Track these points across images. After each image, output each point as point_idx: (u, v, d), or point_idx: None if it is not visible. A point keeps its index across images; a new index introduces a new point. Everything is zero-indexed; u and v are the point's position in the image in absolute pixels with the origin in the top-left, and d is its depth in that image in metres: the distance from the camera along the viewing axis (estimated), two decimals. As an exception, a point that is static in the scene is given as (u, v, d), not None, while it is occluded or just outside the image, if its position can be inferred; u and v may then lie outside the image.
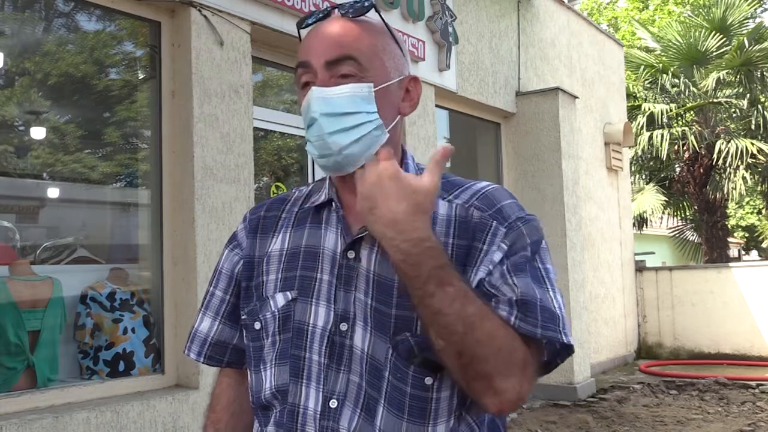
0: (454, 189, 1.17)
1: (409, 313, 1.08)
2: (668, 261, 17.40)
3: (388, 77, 1.14)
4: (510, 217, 1.12)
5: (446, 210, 1.14)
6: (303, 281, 1.15)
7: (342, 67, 1.10)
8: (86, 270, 3.87)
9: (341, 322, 1.11)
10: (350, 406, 1.09)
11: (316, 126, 1.10)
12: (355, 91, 1.10)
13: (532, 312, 1.04)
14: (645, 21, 18.97)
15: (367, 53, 1.12)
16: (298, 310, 1.14)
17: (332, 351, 1.11)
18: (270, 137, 5.20)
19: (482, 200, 1.14)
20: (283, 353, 1.15)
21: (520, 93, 7.25)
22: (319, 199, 1.20)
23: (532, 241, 1.10)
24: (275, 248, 1.21)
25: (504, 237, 1.10)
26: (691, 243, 14.34)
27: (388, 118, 1.13)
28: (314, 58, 1.12)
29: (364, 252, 1.13)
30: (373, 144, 1.11)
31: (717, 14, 12.03)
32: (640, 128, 11.64)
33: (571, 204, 7.08)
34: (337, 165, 1.12)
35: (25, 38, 3.80)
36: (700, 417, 6.01)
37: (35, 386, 3.37)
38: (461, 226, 1.12)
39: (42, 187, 3.97)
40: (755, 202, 23.85)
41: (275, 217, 1.25)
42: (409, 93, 1.18)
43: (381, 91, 1.12)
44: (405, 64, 1.19)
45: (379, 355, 1.09)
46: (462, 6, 6.40)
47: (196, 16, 3.91)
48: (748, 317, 8.96)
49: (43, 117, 3.85)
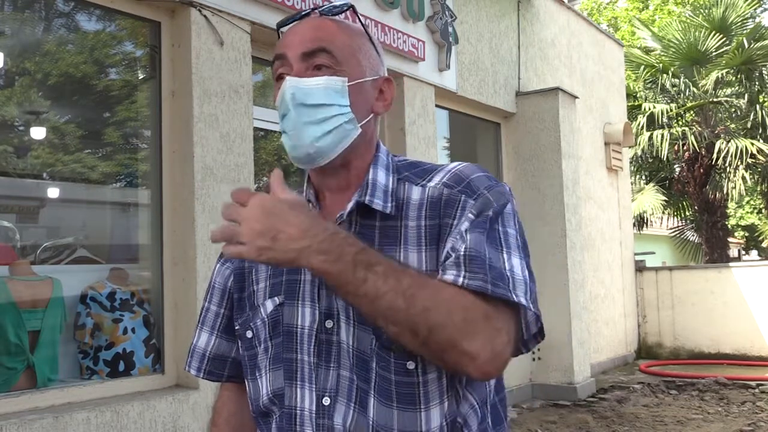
0: (427, 175, 1.17)
1: None
2: (668, 261, 17.40)
3: (362, 75, 1.16)
4: (479, 189, 1.11)
5: (419, 195, 1.14)
6: (289, 285, 1.17)
7: (317, 58, 1.13)
8: (86, 270, 3.87)
9: (326, 319, 1.12)
10: (343, 401, 1.10)
11: (289, 116, 1.12)
12: (329, 83, 1.12)
13: (480, 267, 1.01)
14: (645, 21, 18.97)
15: (343, 49, 1.14)
16: (286, 314, 1.15)
17: (320, 349, 1.12)
18: (270, 137, 5.21)
19: (451, 178, 1.14)
20: (275, 358, 1.16)
21: (520, 93, 7.25)
22: None
23: (497, 204, 1.09)
24: None
25: (472, 207, 1.09)
26: (691, 243, 14.34)
27: (361, 114, 1.15)
28: (290, 50, 1.15)
29: None
30: (345, 137, 1.13)
31: (717, 14, 12.03)
32: (640, 128, 11.63)
33: (571, 204, 7.08)
34: (309, 157, 1.13)
35: (25, 38, 3.80)
36: (700, 417, 6.01)
37: (35, 386, 3.37)
38: (431, 206, 1.12)
39: (42, 187, 3.97)
40: (755, 202, 23.85)
41: None
42: (383, 93, 1.20)
43: (355, 87, 1.14)
44: (380, 66, 1.22)
45: (365, 347, 1.09)
46: (462, 6, 6.40)
47: (196, 16, 3.91)
48: (748, 317, 8.96)
49: (43, 117, 3.85)
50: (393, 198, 1.14)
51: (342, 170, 1.17)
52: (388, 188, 1.16)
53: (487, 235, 1.06)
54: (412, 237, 1.11)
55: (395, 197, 1.15)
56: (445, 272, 1.03)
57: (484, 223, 1.07)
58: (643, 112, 11.77)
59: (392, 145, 5.44)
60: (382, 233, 1.13)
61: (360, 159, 1.18)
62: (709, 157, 11.80)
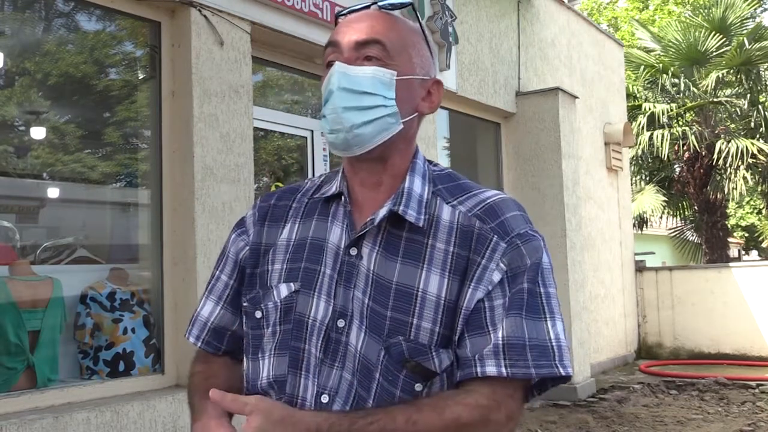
0: (460, 194, 1.17)
1: (404, 317, 1.08)
2: (668, 261, 17.39)
3: (413, 71, 1.15)
4: (511, 232, 1.11)
5: (449, 216, 1.14)
6: (307, 273, 1.15)
7: (369, 49, 1.12)
8: (86, 270, 3.87)
9: (339, 318, 1.12)
10: (340, 402, 1.09)
11: (332, 99, 1.11)
12: (377, 73, 1.11)
13: (520, 354, 1.04)
14: (645, 21, 18.97)
15: (396, 43, 1.14)
16: (300, 302, 1.14)
17: (327, 346, 1.11)
18: (270, 137, 5.21)
19: (486, 211, 1.13)
20: (282, 344, 1.15)
21: (520, 93, 7.25)
22: (330, 191, 1.20)
23: (531, 263, 1.09)
24: (283, 238, 1.21)
25: (503, 254, 1.09)
26: (691, 243, 14.34)
27: (404, 111, 1.14)
28: (343, 38, 1.14)
29: (366, 250, 1.13)
30: (385, 130, 1.12)
31: (717, 14, 12.03)
32: (640, 128, 11.63)
33: (571, 204, 7.08)
34: (346, 143, 1.12)
35: (25, 38, 3.80)
36: (700, 417, 6.01)
37: (35, 386, 3.37)
38: (462, 235, 1.11)
39: (42, 187, 3.97)
40: (755, 202, 23.85)
41: (285, 206, 1.24)
42: (431, 95, 1.20)
43: (402, 83, 1.13)
44: (432, 67, 1.21)
45: (371, 356, 1.09)
46: (462, 6, 6.40)
47: (196, 16, 3.91)
48: (748, 317, 8.96)
49: (43, 117, 3.85)
50: (426, 211, 1.13)
51: (378, 165, 1.16)
52: (423, 199, 1.15)
53: (526, 305, 1.07)
54: (438, 260, 1.10)
55: (428, 211, 1.13)
56: (485, 364, 1.04)
57: (521, 293, 1.07)
58: (643, 112, 11.77)
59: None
60: (407, 247, 1.12)
61: (397, 157, 1.17)
62: (710, 157, 11.79)
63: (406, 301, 1.09)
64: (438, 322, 1.08)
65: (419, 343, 1.07)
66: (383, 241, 1.13)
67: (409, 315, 1.08)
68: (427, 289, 1.09)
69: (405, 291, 1.10)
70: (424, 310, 1.08)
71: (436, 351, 1.08)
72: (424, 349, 1.08)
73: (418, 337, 1.08)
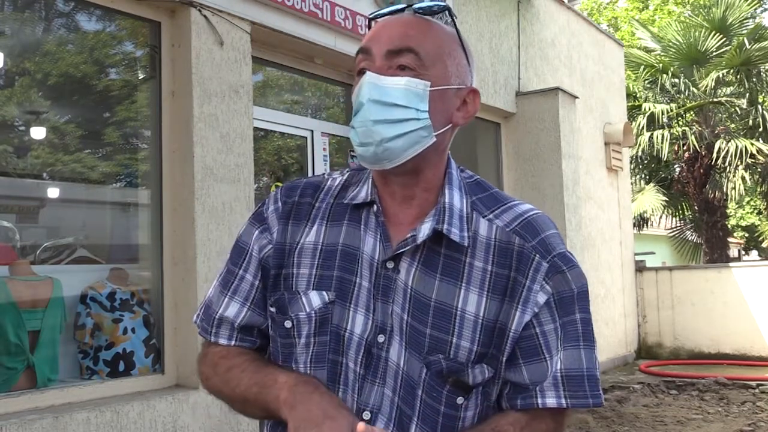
0: (495, 206, 1.14)
1: (443, 336, 1.07)
2: (668, 261, 17.39)
3: (447, 81, 1.10)
4: (552, 251, 1.11)
5: (486, 231, 1.11)
6: (341, 283, 1.11)
7: (402, 58, 1.07)
8: (86, 270, 3.87)
9: (379, 333, 1.08)
10: (383, 420, 1.07)
11: (363, 111, 1.06)
12: (409, 85, 1.06)
13: (580, 386, 1.09)
14: (645, 21, 18.97)
15: (431, 52, 1.09)
16: (337, 314, 1.10)
17: (369, 362, 1.08)
18: (270, 137, 5.21)
19: (525, 227, 1.12)
20: (319, 356, 1.10)
21: (520, 93, 7.25)
22: (359, 197, 1.15)
23: (579, 290, 1.11)
24: (309, 240, 1.14)
25: (546, 275, 1.09)
26: (690, 243, 14.34)
27: (438, 123, 1.09)
28: (376, 45, 1.09)
29: (404, 264, 1.10)
30: (417, 143, 1.07)
31: (717, 14, 12.02)
32: (640, 128, 11.63)
33: (571, 204, 7.08)
34: (376, 157, 1.07)
35: (25, 38, 3.80)
36: (700, 417, 6.01)
37: (35, 386, 3.37)
38: (501, 252, 1.10)
39: (42, 187, 3.97)
40: (755, 202, 23.85)
41: (309, 204, 1.18)
42: (466, 105, 1.14)
43: (437, 93, 1.08)
44: (468, 75, 1.15)
45: (413, 373, 1.08)
46: (462, 6, 6.40)
47: (196, 16, 3.91)
48: (748, 317, 8.95)
49: (43, 117, 3.85)
50: (469, 227, 1.11)
51: (409, 179, 1.11)
52: (464, 214, 1.12)
53: (582, 336, 1.10)
54: (477, 279, 1.09)
55: (469, 227, 1.11)
56: (545, 395, 1.08)
57: (575, 324, 1.10)
58: (643, 112, 11.77)
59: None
60: (446, 264, 1.10)
61: (430, 170, 1.13)
62: (709, 157, 11.79)
63: (445, 319, 1.07)
64: (476, 342, 1.08)
65: (458, 361, 1.07)
66: (422, 258, 1.10)
67: (448, 334, 1.07)
68: (466, 308, 1.08)
69: (444, 309, 1.08)
70: (463, 330, 1.07)
71: (471, 368, 1.08)
72: (462, 366, 1.08)
73: (457, 355, 1.07)
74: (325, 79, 5.36)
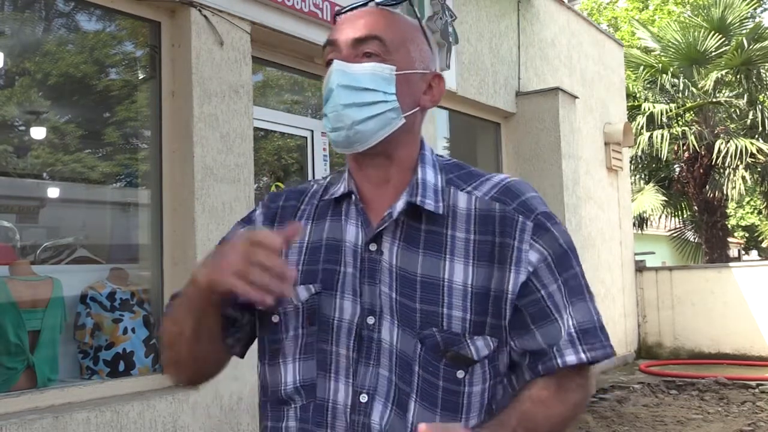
0: (473, 180, 1.17)
1: (433, 308, 1.09)
2: (668, 261, 17.39)
3: (412, 66, 1.15)
4: (535, 210, 1.13)
5: (465, 203, 1.14)
6: (326, 274, 1.13)
7: (367, 45, 1.12)
8: (86, 270, 3.87)
9: (368, 315, 1.10)
10: (381, 400, 1.08)
11: (333, 97, 1.11)
12: (376, 69, 1.11)
13: (596, 337, 1.12)
14: (645, 21, 18.97)
15: (395, 39, 1.14)
16: (324, 304, 1.12)
17: (361, 345, 1.10)
18: (270, 137, 5.21)
19: (503, 192, 1.15)
20: (308, 347, 1.13)
21: (520, 93, 7.25)
22: (338, 191, 1.19)
23: (567, 245, 1.14)
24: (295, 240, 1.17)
25: (533, 234, 1.11)
26: (690, 243, 14.34)
27: (406, 105, 1.14)
28: (341, 36, 1.14)
29: (386, 245, 1.12)
30: (387, 125, 1.12)
31: (716, 14, 12.02)
32: (639, 128, 11.63)
33: (571, 204, 7.08)
34: (348, 140, 1.12)
35: (25, 38, 3.80)
36: (700, 417, 6.01)
37: (35, 386, 3.37)
38: (482, 220, 1.12)
39: (42, 187, 3.97)
40: (755, 202, 23.85)
41: (293, 207, 1.22)
42: (432, 89, 1.19)
43: (402, 77, 1.13)
44: (432, 61, 1.20)
45: (408, 349, 1.09)
46: (462, 6, 6.40)
47: (196, 16, 3.91)
48: (748, 317, 8.95)
49: (43, 117, 3.85)
50: (443, 198, 1.14)
51: (383, 161, 1.16)
52: (438, 187, 1.15)
53: (586, 289, 1.14)
54: (460, 249, 1.11)
55: (444, 198, 1.14)
56: (564, 354, 1.10)
57: (576, 278, 1.13)
58: (643, 112, 11.77)
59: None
60: (428, 237, 1.12)
61: (403, 151, 1.17)
62: (709, 157, 11.79)
63: (433, 292, 1.09)
64: (468, 310, 1.09)
65: (452, 332, 1.08)
66: (403, 235, 1.12)
67: (438, 305, 1.08)
68: (453, 278, 1.09)
69: (431, 282, 1.10)
70: (453, 300, 1.09)
71: (470, 339, 1.08)
72: (458, 338, 1.08)
73: (450, 326, 1.08)
74: (325, 79, 5.35)
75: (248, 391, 3.94)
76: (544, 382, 1.11)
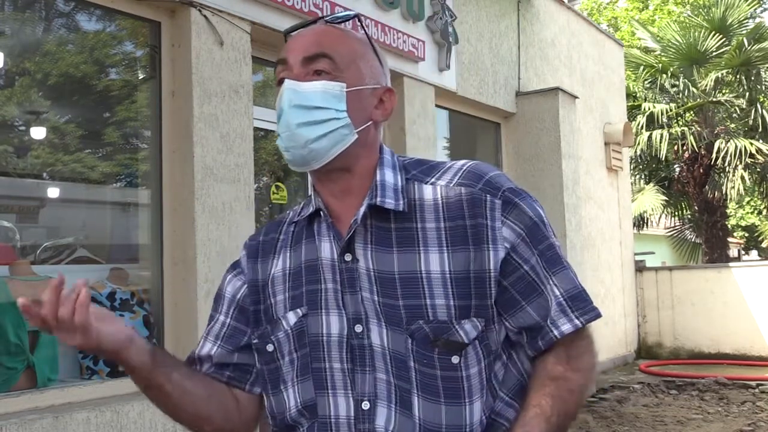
0: (435, 171, 1.18)
1: (417, 302, 1.10)
2: (668, 261, 17.39)
3: (362, 82, 1.16)
4: (501, 188, 1.14)
5: (431, 194, 1.15)
6: (310, 295, 1.16)
7: (317, 63, 1.14)
8: (86, 270, 3.87)
9: (355, 324, 1.12)
10: (383, 403, 1.09)
11: (284, 117, 1.14)
12: (326, 87, 1.13)
13: (583, 301, 1.15)
14: (645, 21, 18.97)
15: (344, 56, 1.15)
16: (311, 324, 1.15)
17: (353, 354, 1.11)
18: (270, 137, 5.20)
19: (467, 176, 1.15)
20: (303, 369, 1.15)
21: (520, 93, 7.25)
22: (308, 211, 1.21)
23: (538, 217, 1.14)
24: (278, 269, 1.22)
25: (503, 211, 1.12)
26: (690, 243, 14.33)
27: (358, 120, 1.15)
28: (292, 55, 1.17)
29: (360, 251, 1.14)
30: (339, 142, 1.13)
31: (717, 14, 12.02)
32: (639, 128, 11.63)
33: (571, 204, 7.08)
34: (303, 159, 1.14)
35: (25, 38, 3.80)
36: (700, 417, 6.01)
37: (35, 386, 3.37)
38: (450, 206, 1.13)
39: (42, 187, 3.97)
40: (755, 202, 23.85)
41: (273, 239, 1.26)
42: (383, 103, 1.20)
43: (353, 94, 1.14)
44: (382, 76, 1.22)
45: (400, 347, 1.10)
46: (462, 6, 6.40)
47: (196, 16, 3.91)
48: (748, 317, 8.95)
49: (43, 117, 3.85)
50: (404, 195, 1.15)
51: (342, 174, 1.17)
52: (398, 186, 1.16)
53: (562, 257, 1.16)
54: (432, 238, 1.12)
55: (406, 195, 1.15)
56: (558, 325, 1.12)
57: (552, 249, 1.14)
58: (643, 112, 11.77)
59: (392, 145, 5.43)
60: (399, 235, 1.13)
61: (361, 164, 1.18)
62: (709, 157, 11.80)
63: (413, 286, 1.10)
64: (451, 297, 1.10)
65: (439, 321, 1.09)
66: (373, 238, 1.14)
67: (421, 298, 1.10)
68: (430, 269, 1.11)
69: (409, 278, 1.11)
70: (434, 289, 1.10)
71: (458, 323, 1.10)
72: (446, 325, 1.09)
73: (436, 316, 1.09)
74: (325, 79, 5.35)
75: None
76: (555, 357, 1.13)
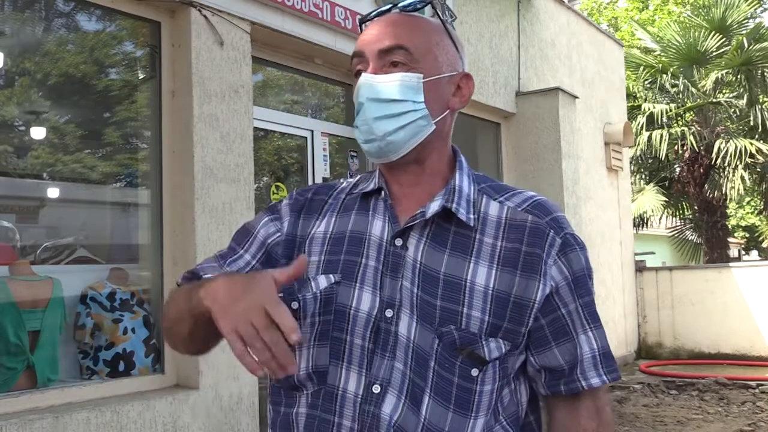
0: (504, 191, 1.20)
1: (454, 306, 1.10)
2: (668, 261, 17.39)
3: (439, 71, 1.16)
4: (565, 229, 1.17)
5: (497, 211, 1.16)
6: (347, 265, 1.15)
7: (393, 55, 1.13)
8: (86, 270, 3.87)
9: (387, 308, 1.11)
10: (394, 392, 1.09)
11: (363, 111, 1.13)
12: (403, 79, 1.13)
13: (611, 361, 1.18)
14: (645, 21, 18.97)
15: (420, 45, 1.15)
16: (342, 293, 1.13)
17: (377, 336, 1.10)
18: (270, 137, 5.21)
19: (536, 206, 1.18)
20: (322, 335, 1.13)
21: (520, 93, 7.25)
22: (368, 187, 1.21)
23: (588, 270, 1.18)
24: (319, 230, 1.20)
25: (560, 250, 1.14)
26: (690, 243, 14.33)
27: (435, 111, 1.16)
28: (368, 48, 1.16)
29: (412, 241, 1.14)
30: (418, 133, 1.14)
31: (717, 14, 12.01)
32: (639, 128, 11.63)
33: (571, 204, 7.08)
34: (381, 151, 1.14)
35: (25, 38, 3.80)
36: (700, 417, 6.01)
37: (35, 386, 3.37)
38: (512, 228, 1.14)
39: (42, 187, 3.96)
40: (755, 202, 23.84)
41: (321, 201, 1.24)
42: (461, 89, 1.21)
43: (430, 84, 1.15)
44: (459, 61, 1.21)
45: (425, 345, 1.10)
46: (462, 6, 6.40)
47: (196, 16, 3.91)
48: (748, 317, 8.96)
49: (43, 117, 3.85)
50: (475, 209, 1.16)
51: (415, 166, 1.18)
52: (471, 198, 1.17)
53: (598, 314, 1.19)
54: (486, 253, 1.13)
55: (476, 209, 1.16)
56: (588, 377, 1.15)
57: (592, 304, 1.18)
58: (643, 112, 11.77)
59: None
60: (456, 239, 1.14)
61: (434, 155, 1.19)
62: (709, 157, 11.79)
63: (455, 291, 1.10)
64: (487, 312, 1.10)
65: (470, 332, 1.09)
66: (431, 234, 1.14)
67: (459, 304, 1.10)
68: (475, 280, 1.11)
69: (453, 281, 1.11)
70: (473, 300, 1.10)
71: (485, 340, 1.10)
72: (474, 337, 1.09)
73: (468, 326, 1.09)
74: (325, 79, 5.36)
75: (248, 392, 3.95)
76: (586, 412, 1.17)
